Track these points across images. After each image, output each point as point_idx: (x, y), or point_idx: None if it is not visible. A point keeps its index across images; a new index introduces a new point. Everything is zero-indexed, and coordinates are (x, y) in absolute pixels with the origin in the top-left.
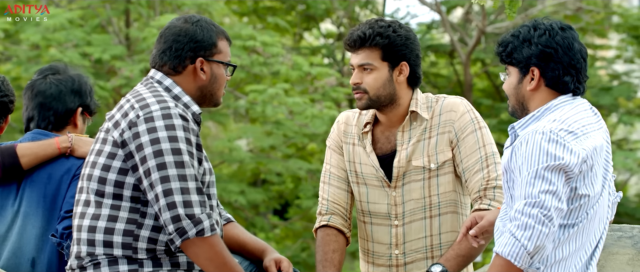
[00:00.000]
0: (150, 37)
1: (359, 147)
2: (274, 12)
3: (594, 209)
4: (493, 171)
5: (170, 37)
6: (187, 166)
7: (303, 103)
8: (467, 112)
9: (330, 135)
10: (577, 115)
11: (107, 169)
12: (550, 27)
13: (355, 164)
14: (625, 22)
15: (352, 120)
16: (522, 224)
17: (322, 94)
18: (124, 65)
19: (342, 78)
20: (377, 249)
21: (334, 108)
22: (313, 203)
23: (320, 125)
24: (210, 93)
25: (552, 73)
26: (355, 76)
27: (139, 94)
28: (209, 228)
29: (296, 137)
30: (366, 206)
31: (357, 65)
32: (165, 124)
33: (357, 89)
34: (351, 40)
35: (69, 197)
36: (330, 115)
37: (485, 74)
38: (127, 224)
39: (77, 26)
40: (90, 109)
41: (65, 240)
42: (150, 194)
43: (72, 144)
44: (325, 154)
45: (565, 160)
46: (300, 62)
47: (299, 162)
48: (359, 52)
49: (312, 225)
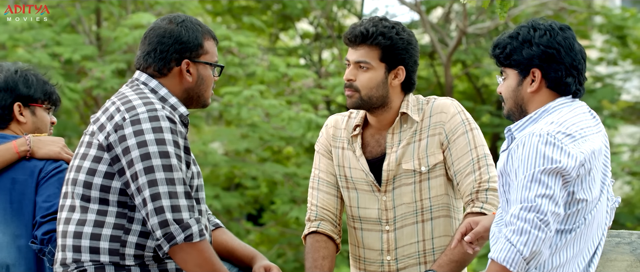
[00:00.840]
0: (121, 37)
1: (349, 151)
2: (250, 11)
3: (592, 214)
4: (485, 173)
5: (154, 38)
6: (175, 170)
7: (279, 105)
8: (457, 114)
9: (318, 139)
10: (576, 117)
11: (92, 173)
12: (550, 28)
13: (345, 169)
14: (609, 22)
15: (341, 123)
16: (518, 229)
17: (299, 96)
18: (95, 65)
19: (319, 80)
20: (368, 255)
21: (311, 110)
22: (289, 208)
23: (297, 128)
24: (197, 95)
25: (555, 74)
26: (349, 72)
27: (125, 96)
28: (198, 233)
29: (272, 141)
30: (356, 211)
31: (353, 61)
32: (152, 127)
33: (350, 86)
34: (352, 35)
35: (41, 201)
36: (307, 118)
37: (466, 75)
38: (114, 230)
39: (46, 26)
40: (34, 98)
41: (47, 245)
42: (138, 198)
43: (30, 146)
44: (314, 158)
45: (562, 163)
46: (276, 63)
47: (275, 166)
48: (358, 49)
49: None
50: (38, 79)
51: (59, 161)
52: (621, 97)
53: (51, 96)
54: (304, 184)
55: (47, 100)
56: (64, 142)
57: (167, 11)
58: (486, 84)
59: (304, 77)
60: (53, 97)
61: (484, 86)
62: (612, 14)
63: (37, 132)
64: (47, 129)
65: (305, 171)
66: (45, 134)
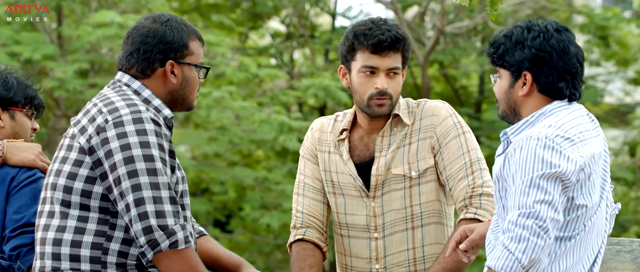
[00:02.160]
0: (85, 36)
1: (336, 155)
2: (218, 9)
3: (591, 221)
4: (479, 178)
5: (137, 38)
6: (159, 174)
7: (250, 107)
8: (449, 117)
9: (303, 143)
10: (574, 121)
11: (73, 178)
12: (544, 29)
13: (332, 173)
14: (591, 22)
15: (327, 127)
16: (516, 236)
17: (270, 97)
18: (56, 65)
19: (292, 81)
20: (356, 263)
21: (283, 113)
22: (260, 214)
23: (268, 131)
24: (181, 97)
25: (546, 78)
26: (384, 82)
27: (107, 97)
28: (183, 240)
29: (242, 144)
30: (343, 218)
31: (386, 68)
32: (136, 129)
33: (385, 94)
34: (384, 42)
35: (12, 213)
36: (279, 120)
37: (443, 77)
38: (96, 237)
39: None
40: (14, 102)
41: (15, 261)
42: (121, 203)
43: (3, 152)
44: (299, 163)
45: (561, 168)
46: (247, 63)
47: (245, 170)
48: (390, 55)
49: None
50: (19, 83)
51: (33, 169)
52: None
53: (33, 101)
54: (276, 189)
55: (28, 104)
56: (41, 149)
57: (131, 9)
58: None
59: (275, 78)
60: (35, 102)
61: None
62: (594, 13)
63: (15, 137)
64: (27, 136)
65: (277, 175)
66: (22, 140)
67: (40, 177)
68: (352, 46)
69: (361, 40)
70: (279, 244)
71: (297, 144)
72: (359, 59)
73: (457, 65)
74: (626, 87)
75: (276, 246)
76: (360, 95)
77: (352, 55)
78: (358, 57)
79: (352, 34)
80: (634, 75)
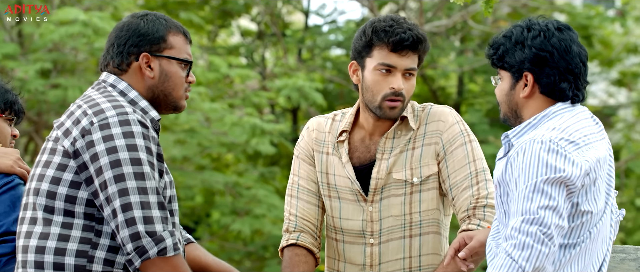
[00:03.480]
0: (47, 34)
1: (334, 156)
2: (186, 6)
3: (597, 228)
4: (483, 188)
5: (113, 33)
6: (147, 178)
7: (221, 109)
8: (456, 123)
9: (298, 143)
10: (578, 123)
11: (56, 182)
12: (545, 28)
13: (328, 175)
14: (573, 20)
15: (324, 126)
16: (520, 243)
17: (242, 98)
18: (17, 65)
19: (264, 81)
20: (348, 270)
21: (255, 115)
22: (231, 220)
23: (240, 134)
24: (163, 94)
25: (547, 79)
26: (401, 82)
27: (92, 98)
28: (172, 247)
29: (212, 147)
30: (338, 222)
31: (404, 68)
32: (122, 131)
33: (399, 95)
34: (405, 41)
35: None
36: (251, 123)
37: (421, 77)
38: (80, 244)
39: None
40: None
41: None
42: (107, 209)
43: None
44: (293, 164)
45: (566, 172)
46: (217, 62)
47: (215, 174)
48: (408, 55)
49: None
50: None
51: (11, 176)
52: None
53: (13, 106)
54: (247, 195)
55: (7, 110)
56: (19, 155)
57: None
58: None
59: (247, 78)
60: (15, 107)
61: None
62: (577, 12)
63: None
64: (6, 142)
65: (248, 180)
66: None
67: (19, 184)
68: (370, 42)
69: (381, 36)
70: (249, 251)
71: (270, 148)
72: (376, 56)
73: (436, 66)
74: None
75: (246, 254)
76: (372, 94)
77: (368, 51)
78: (375, 54)
79: (371, 29)
80: (617, 76)
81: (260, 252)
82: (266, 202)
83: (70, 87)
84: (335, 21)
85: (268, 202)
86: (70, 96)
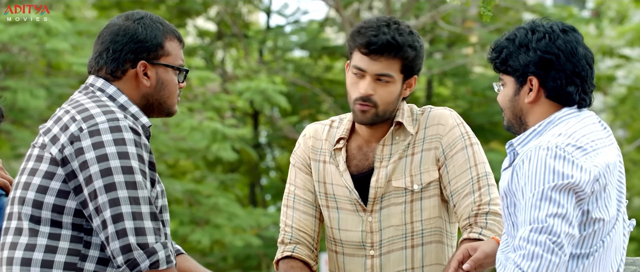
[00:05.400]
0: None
1: (331, 165)
2: (141, 5)
3: (610, 237)
4: (486, 194)
5: (107, 37)
6: (139, 187)
7: (180, 113)
8: (456, 126)
9: (295, 151)
10: (585, 129)
11: (43, 191)
12: (550, 30)
13: (326, 185)
14: None
15: (321, 134)
16: (528, 253)
17: (202, 102)
18: None
19: (225, 84)
20: None
21: (216, 119)
22: (190, 230)
23: (200, 140)
24: (157, 102)
25: (554, 83)
26: (368, 86)
27: (80, 103)
28: (165, 260)
29: (170, 153)
30: (337, 234)
31: (374, 73)
32: (113, 138)
33: (368, 100)
34: (377, 46)
35: None
36: (212, 127)
37: None
38: (69, 256)
39: None
40: None
41: None
42: (97, 220)
43: None
44: (289, 173)
45: (575, 178)
46: None
47: (173, 182)
48: (380, 59)
49: None
50: None
51: None
52: None
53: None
54: (207, 203)
55: None
56: (1, 163)
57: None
58: None
59: (207, 80)
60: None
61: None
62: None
63: None
64: None
65: (208, 187)
66: None
67: (0, 195)
68: (350, 43)
69: (356, 38)
70: (209, 262)
71: (232, 154)
72: (354, 58)
73: None
74: None
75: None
76: (349, 96)
77: (350, 52)
78: (353, 56)
79: (354, 29)
80: None
81: (220, 264)
82: (227, 211)
83: (20, 89)
84: (298, 21)
85: (229, 211)
86: (20, 99)
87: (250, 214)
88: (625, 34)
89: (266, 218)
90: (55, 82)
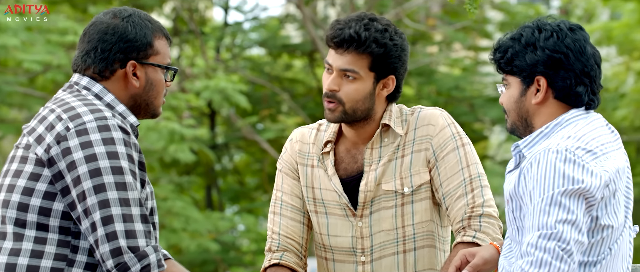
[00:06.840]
0: None
1: (319, 169)
2: (94, 1)
3: (617, 244)
4: (479, 196)
5: (95, 35)
6: (130, 189)
7: None
8: (447, 126)
9: (281, 156)
10: (595, 132)
11: (29, 193)
12: (557, 28)
13: (314, 190)
14: (512, 20)
15: (308, 137)
16: (537, 260)
17: None
18: None
19: (182, 82)
20: None
21: (174, 119)
22: None
23: (156, 140)
24: (145, 102)
25: (563, 83)
26: (332, 81)
27: (65, 102)
28: (156, 264)
29: None
30: (327, 240)
31: (338, 68)
32: (102, 138)
33: (332, 96)
34: (340, 39)
35: None
36: (169, 128)
37: None
38: (55, 261)
39: None
40: None
41: None
42: (85, 222)
43: None
44: (276, 178)
45: (585, 183)
46: None
47: None
48: (345, 54)
49: None
50: None
51: None
52: None
53: None
54: (163, 207)
55: None
56: None
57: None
58: None
59: None
60: None
61: None
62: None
63: None
64: None
65: (164, 190)
66: None
67: None
68: None
69: (327, 32)
70: None
71: (190, 155)
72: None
73: None
74: None
75: None
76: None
77: None
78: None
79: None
80: None
81: None
82: (184, 214)
83: None
84: (257, 18)
85: (185, 215)
86: None
87: (208, 218)
88: (593, 32)
89: (224, 222)
90: (4, 80)
